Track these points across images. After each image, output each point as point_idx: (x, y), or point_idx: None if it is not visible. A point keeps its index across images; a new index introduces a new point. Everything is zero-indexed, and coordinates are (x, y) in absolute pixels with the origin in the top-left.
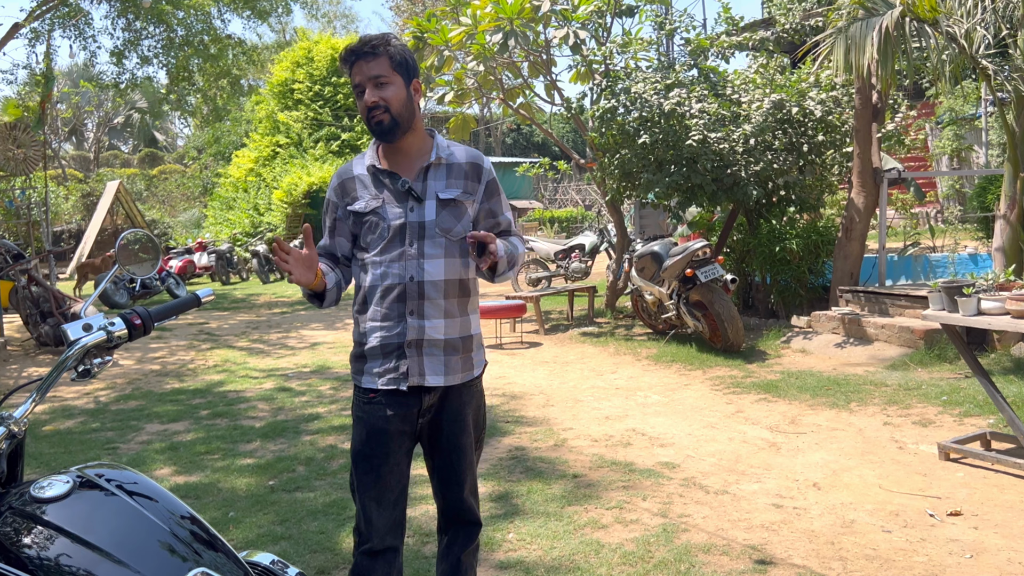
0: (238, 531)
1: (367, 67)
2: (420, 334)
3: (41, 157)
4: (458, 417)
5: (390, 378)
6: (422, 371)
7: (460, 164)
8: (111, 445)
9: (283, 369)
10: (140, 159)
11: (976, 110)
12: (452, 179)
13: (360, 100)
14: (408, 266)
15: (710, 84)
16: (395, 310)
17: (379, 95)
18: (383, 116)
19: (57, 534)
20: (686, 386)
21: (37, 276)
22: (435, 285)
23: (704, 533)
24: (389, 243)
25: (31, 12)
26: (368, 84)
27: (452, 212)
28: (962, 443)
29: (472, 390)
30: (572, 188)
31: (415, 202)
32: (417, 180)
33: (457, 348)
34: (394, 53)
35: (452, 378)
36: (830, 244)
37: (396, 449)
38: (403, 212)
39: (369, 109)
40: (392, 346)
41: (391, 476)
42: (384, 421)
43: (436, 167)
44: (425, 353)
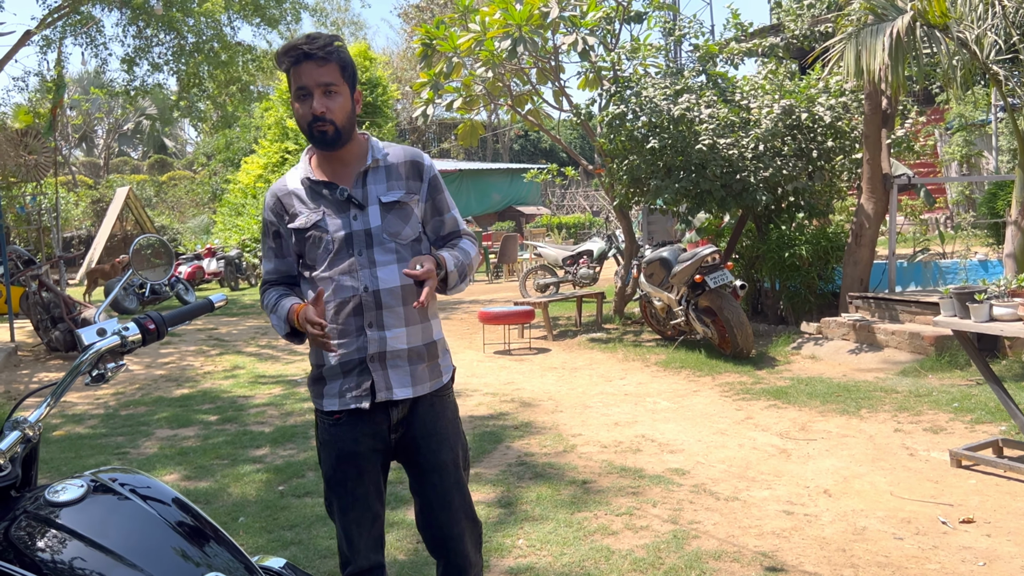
0: (248, 536)
1: (317, 72)
2: (382, 346)
3: (51, 163)
4: (433, 430)
5: (353, 396)
6: (388, 384)
7: (399, 164)
8: (121, 450)
9: (292, 374)
10: (150, 165)
11: (986, 116)
12: (392, 180)
13: (302, 104)
14: (360, 276)
15: (719, 90)
16: (352, 324)
17: (327, 105)
18: (327, 128)
19: (71, 537)
20: (695, 392)
21: (48, 282)
22: (392, 292)
23: (715, 540)
24: (336, 256)
25: (43, 20)
26: (316, 90)
27: (398, 215)
28: (974, 450)
29: (444, 400)
30: (580, 194)
31: (357, 209)
32: (356, 186)
33: (422, 356)
34: (344, 60)
35: (421, 388)
36: (840, 250)
37: (369, 469)
38: (346, 222)
39: (314, 118)
40: (353, 363)
41: (368, 497)
42: (353, 442)
43: (374, 170)
44: (390, 366)
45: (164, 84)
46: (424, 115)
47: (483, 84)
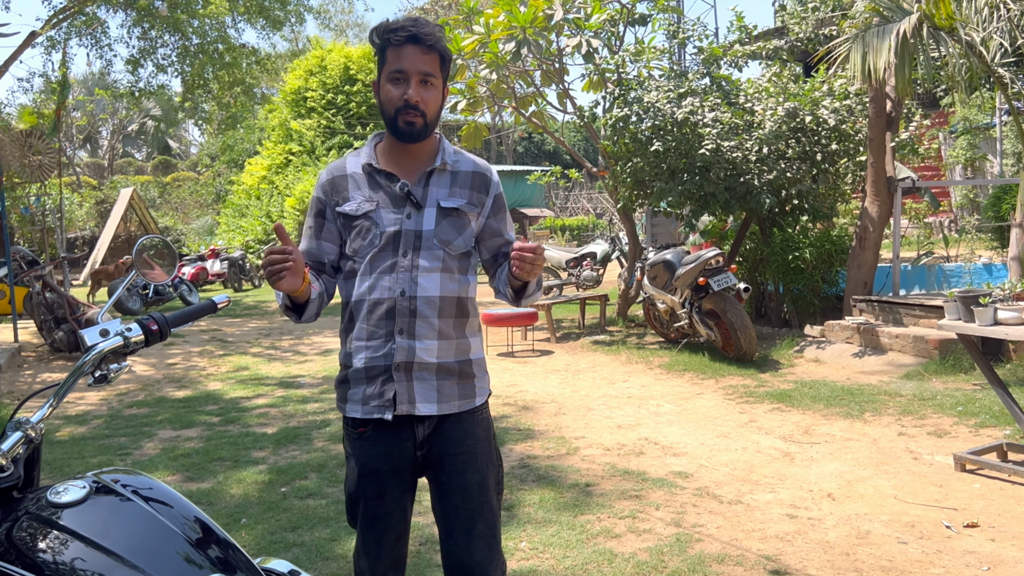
0: (250, 537)
1: (420, 59)
2: (409, 356)
3: (56, 164)
4: (460, 450)
5: (375, 405)
6: (412, 397)
7: (467, 173)
8: (124, 451)
9: (295, 376)
10: (154, 166)
11: (991, 119)
12: (457, 187)
13: (395, 87)
14: (400, 279)
15: (723, 93)
16: (383, 328)
17: (423, 96)
18: (417, 119)
19: (73, 539)
20: (699, 395)
21: (51, 282)
22: (429, 302)
23: (718, 543)
24: (380, 252)
25: (48, 20)
26: (415, 78)
27: (453, 223)
28: (978, 454)
29: (476, 418)
30: (583, 196)
31: (413, 208)
32: (418, 185)
33: (452, 372)
34: (446, 52)
35: (447, 406)
36: (843, 253)
37: (392, 488)
38: (398, 218)
39: (405, 105)
40: (378, 368)
41: (390, 517)
42: (376, 459)
43: (440, 172)
44: (415, 377)
45: (168, 85)
46: None
47: (487, 86)
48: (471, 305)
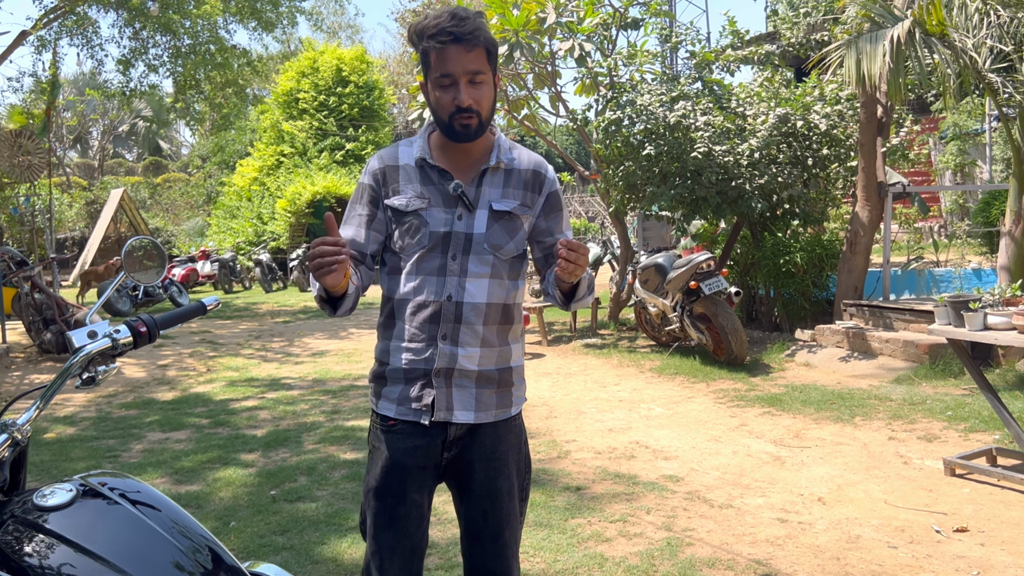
0: (239, 540)
1: (466, 58)
2: (451, 362)
3: (46, 164)
4: (493, 455)
5: (412, 408)
6: (450, 404)
7: (521, 171)
8: (112, 453)
9: (285, 378)
10: (144, 167)
11: (980, 125)
12: (510, 188)
13: (444, 93)
14: (447, 283)
15: (715, 97)
16: (426, 331)
17: (475, 97)
18: (472, 121)
19: (59, 543)
20: (690, 399)
21: (40, 283)
22: (475, 308)
23: (709, 547)
24: (429, 252)
25: (39, 20)
26: (463, 79)
27: (505, 226)
28: (968, 459)
29: (510, 424)
30: (575, 200)
31: (464, 210)
32: (471, 184)
33: (492, 381)
34: (491, 42)
35: (484, 415)
36: (834, 257)
37: (415, 488)
38: (449, 219)
39: (459, 110)
40: (418, 372)
41: (408, 520)
42: (403, 454)
43: (494, 172)
44: (455, 384)
45: (160, 86)
46: (421, 119)
47: None
48: (516, 311)
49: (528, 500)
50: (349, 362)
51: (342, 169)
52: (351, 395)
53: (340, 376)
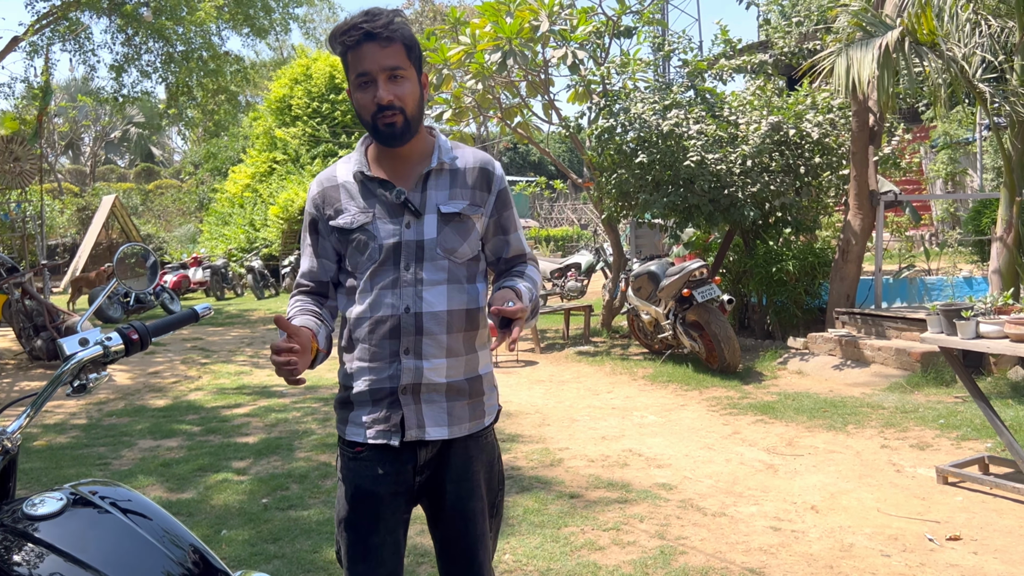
0: (230, 549)
1: (382, 55)
2: (417, 377)
3: (37, 171)
4: (464, 475)
5: (380, 430)
6: (421, 422)
7: (467, 170)
8: (103, 461)
9: (277, 386)
10: (136, 174)
11: (971, 134)
12: (457, 188)
13: (363, 93)
14: (404, 294)
15: (707, 105)
16: (387, 348)
17: (395, 93)
18: (396, 118)
19: (49, 552)
20: (682, 406)
21: (31, 290)
22: (436, 317)
23: (702, 555)
24: (381, 266)
25: (31, 26)
26: (381, 76)
27: (457, 228)
28: (960, 467)
29: (481, 441)
30: (568, 207)
31: (412, 217)
32: (415, 190)
33: (463, 392)
34: (409, 38)
35: (458, 428)
36: (826, 265)
37: (388, 516)
38: (397, 229)
39: (379, 108)
40: (383, 391)
41: (383, 548)
42: (372, 482)
43: (438, 174)
44: (424, 400)
45: (152, 92)
46: None
47: (473, 96)
48: (481, 316)
49: (501, 516)
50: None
51: None
52: None
53: (332, 383)
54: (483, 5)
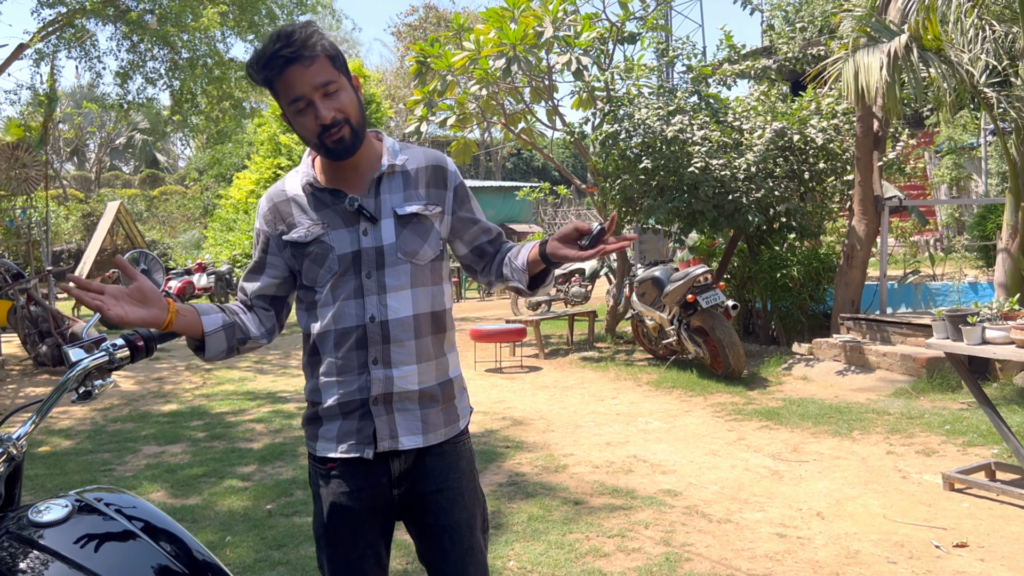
0: (235, 555)
1: (309, 74)
2: (388, 386)
3: (42, 177)
4: (443, 485)
5: (351, 444)
6: (394, 432)
7: (419, 169)
8: (107, 467)
9: (281, 391)
10: (141, 180)
11: (975, 139)
12: (411, 189)
13: (304, 118)
14: (367, 304)
15: (711, 111)
16: (354, 359)
17: (335, 107)
18: (344, 131)
19: (54, 559)
20: (687, 412)
21: (36, 296)
22: (402, 324)
23: (708, 562)
24: (341, 277)
25: (37, 33)
26: (316, 95)
27: (415, 230)
28: (967, 473)
29: (458, 448)
30: (572, 212)
31: (368, 223)
32: (368, 195)
33: (436, 398)
34: (329, 48)
35: (433, 436)
36: (831, 271)
37: (366, 531)
38: (354, 238)
39: (325, 128)
40: (353, 404)
41: (364, 562)
42: (348, 497)
43: (390, 176)
44: (396, 409)
45: (157, 99)
46: (418, 132)
47: (477, 102)
48: (448, 317)
49: (488, 532)
50: None
51: None
52: None
53: None
54: (487, 11)
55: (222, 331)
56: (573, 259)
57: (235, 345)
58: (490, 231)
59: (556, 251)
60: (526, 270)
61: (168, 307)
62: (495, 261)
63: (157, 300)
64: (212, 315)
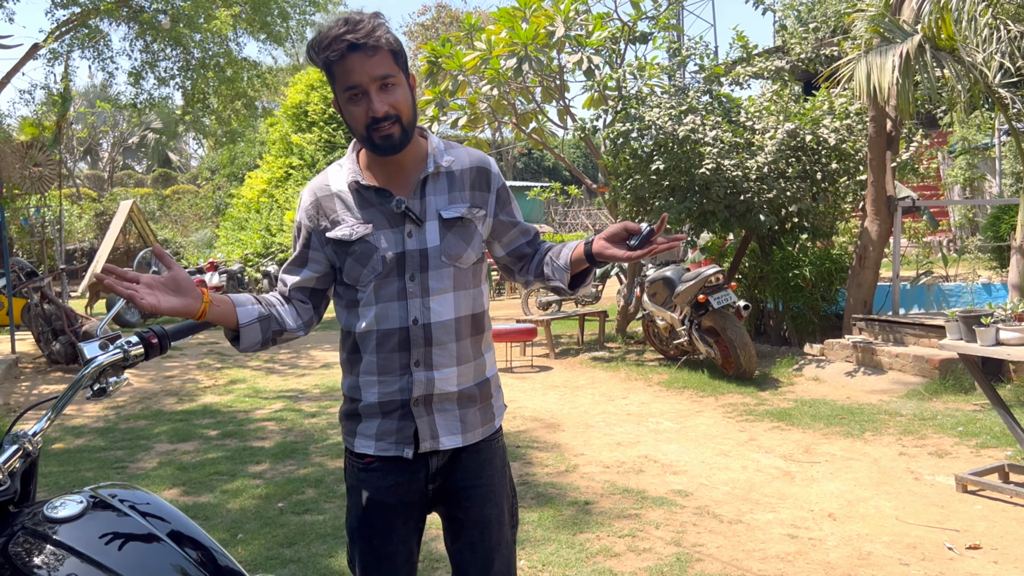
0: (246, 552)
1: (370, 64)
2: (429, 388)
3: (56, 176)
4: (478, 481)
5: (391, 442)
6: (435, 432)
7: (464, 171)
8: (120, 464)
9: (293, 390)
10: (154, 179)
11: (989, 139)
12: (455, 191)
13: (355, 106)
14: (411, 306)
15: (723, 110)
16: (396, 361)
17: (390, 102)
18: (393, 129)
19: (69, 554)
20: (698, 413)
21: (50, 294)
22: (444, 327)
23: (719, 563)
24: (385, 278)
25: (51, 33)
26: (372, 87)
27: (459, 234)
28: (980, 475)
29: (492, 446)
30: (582, 212)
31: (413, 225)
32: (414, 197)
33: (474, 398)
34: (394, 43)
35: (471, 435)
36: (843, 272)
37: (400, 526)
38: (399, 239)
39: (375, 121)
40: (394, 404)
41: (397, 557)
42: (384, 492)
43: (435, 178)
44: (436, 410)
45: (170, 98)
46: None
47: (488, 102)
48: (486, 319)
49: (518, 525)
50: None
51: None
52: None
53: None
54: (499, 11)
55: (257, 323)
56: (621, 259)
57: (270, 337)
58: (528, 232)
59: (603, 250)
60: (568, 269)
61: (202, 297)
62: (533, 261)
63: (191, 290)
64: (248, 307)
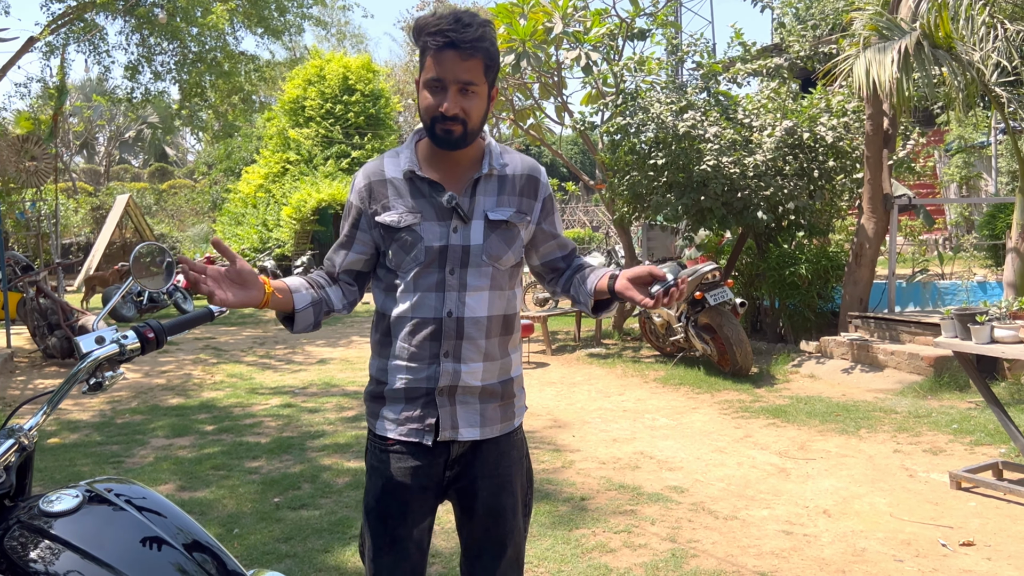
0: (242, 548)
1: (459, 67)
2: (455, 380)
3: (52, 170)
4: (496, 472)
5: (412, 428)
6: (455, 423)
7: (516, 177)
8: (116, 459)
9: (289, 385)
10: (150, 173)
11: (986, 138)
12: (505, 195)
13: (432, 94)
14: (447, 299)
15: (721, 108)
16: (427, 350)
17: (463, 106)
18: (456, 127)
19: (65, 549)
20: (694, 409)
21: (45, 288)
22: (477, 323)
23: (713, 559)
24: (425, 268)
25: (46, 26)
26: (453, 87)
27: (503, 236)
28: (974, 472)
29: (512, 439)
30: (580, 209)
31: (460, 222)
32: (464, 195)
33: (496, 395)
34: (491, 54)
35: (489, 430)
36: (839, 269)
37: (416, 508)
38: (444, 232)
39: (441, 116)
40: (419, 391)
41: (408, 542)
42: (404, 474)
43: (487, 180)
44: (459, 402)
45: (166, 92)
46: None
47: None
48: (516, 320)
49: (531, 514)
50: (352, 369)
51: (347, 177)
52: (354, 403)
53: (343, 383)
54: (497, 7)
55: (311, 307)
56: (638, 303)
57: (320, 319)
58: (565, 246)
59: (624, 291)
60: (592, 296)
61: (264, 288)
62: (564, 275)
63: (255, 281)
64: (302, 292)
